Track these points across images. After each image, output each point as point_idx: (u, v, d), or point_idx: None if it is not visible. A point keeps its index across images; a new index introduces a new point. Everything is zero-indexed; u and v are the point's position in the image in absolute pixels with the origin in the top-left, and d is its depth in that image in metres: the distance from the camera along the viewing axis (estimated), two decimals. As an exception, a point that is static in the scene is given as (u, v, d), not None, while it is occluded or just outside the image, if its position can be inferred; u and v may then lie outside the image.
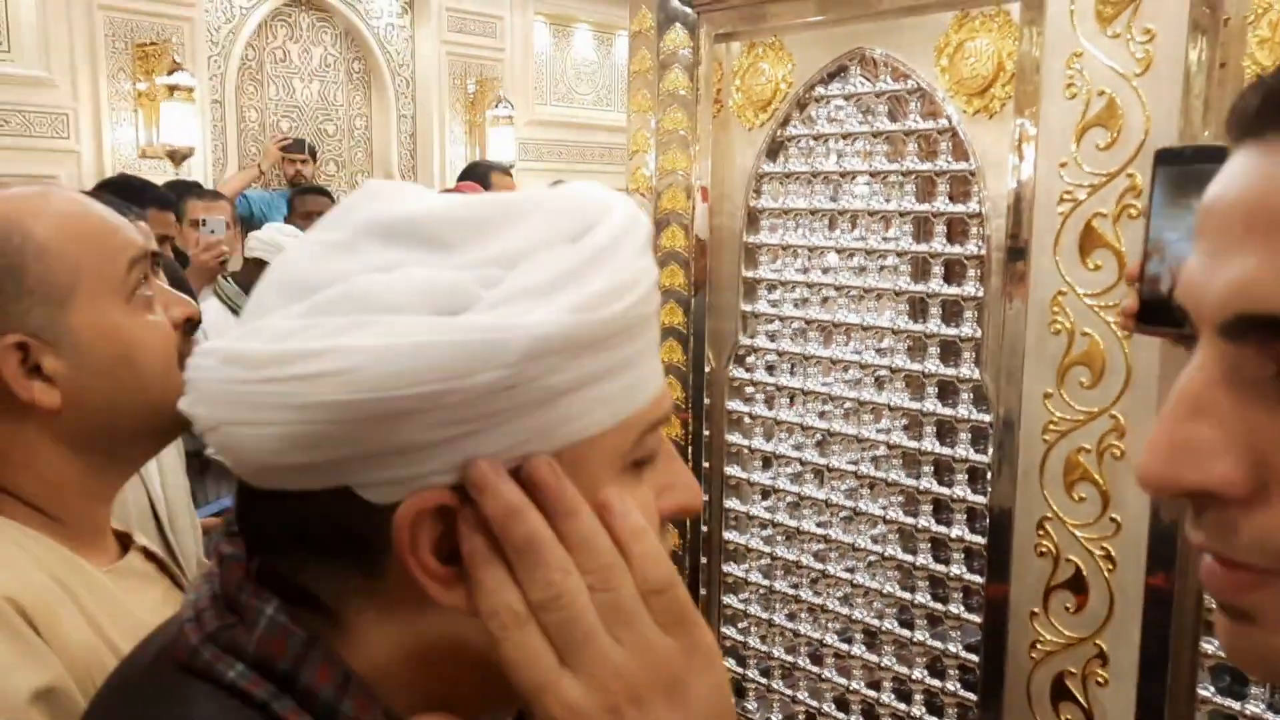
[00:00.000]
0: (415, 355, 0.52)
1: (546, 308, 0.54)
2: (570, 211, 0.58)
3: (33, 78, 5.77)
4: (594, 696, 0.54)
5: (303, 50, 7.48)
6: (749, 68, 1.78)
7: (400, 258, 0.56)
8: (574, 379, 0.55)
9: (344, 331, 0.53)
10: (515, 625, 0.54)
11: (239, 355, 0.55)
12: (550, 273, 0.55)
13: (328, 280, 0.55)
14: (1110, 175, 1.30)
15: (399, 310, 0.53)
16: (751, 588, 1.85)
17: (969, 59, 1.47)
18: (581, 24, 8.95)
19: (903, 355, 1.61)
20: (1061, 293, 1.35)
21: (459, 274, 0.55)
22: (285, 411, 0.53)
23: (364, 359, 0.52)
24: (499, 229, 0.56)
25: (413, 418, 0.53)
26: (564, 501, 0.55)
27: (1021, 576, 1.42)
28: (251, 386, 0.54)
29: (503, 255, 0.56)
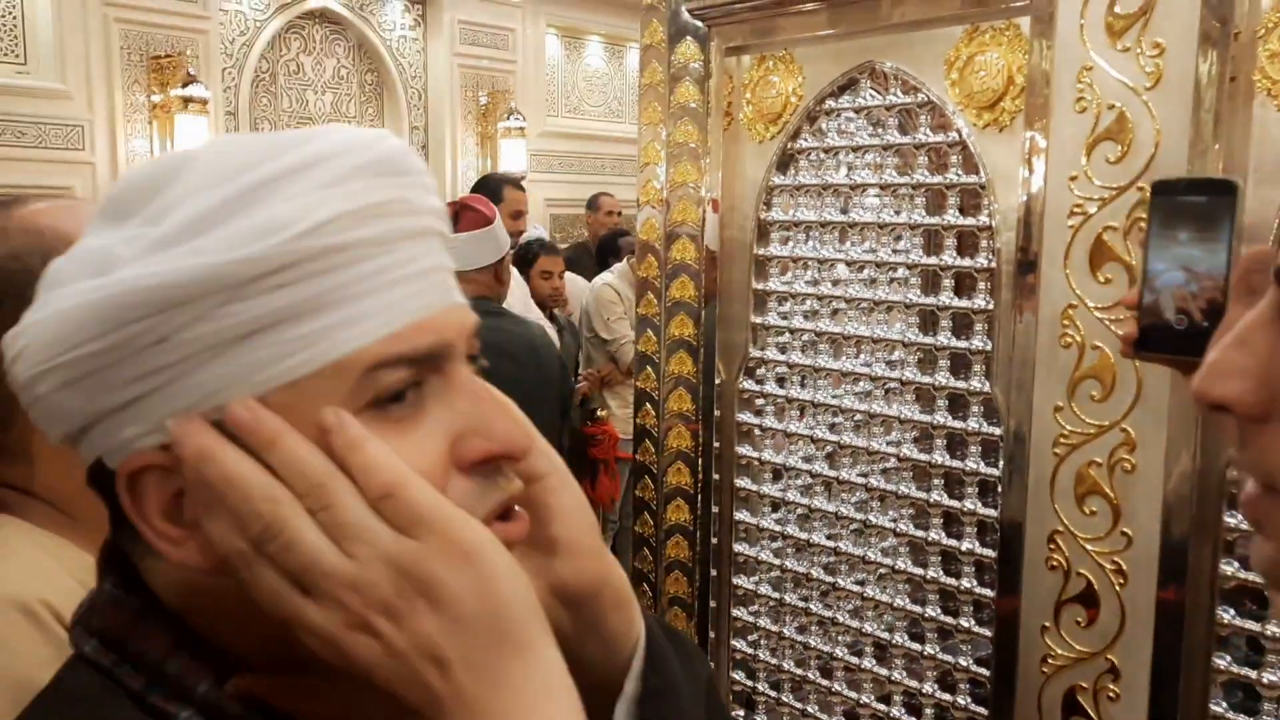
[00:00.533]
0: (61, 321, 0.54)
1: (173, 255, 0.53)
2: (226, 156, 0.56)
3: (49, 90, 5.82)
4: (335, 615, 0.53)
5: (316, 62, 7.52)
6: (759, 81, 1.79)
7: (89, 235, 0.58)
8: (243, 322, 0.54)
9: (32, 312, 0.57)
10: (245, 566, 0.54)
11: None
12: (182, 220, 0.54)
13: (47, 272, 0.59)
14: (1120, 189, 1.30)
15: (62, 284, 0.56)
16: (761, 600, 1.85)
17: (979, 72, 1.48)
18: (593, 36, 8.98)
19: (913, 368, 1.61)
20: (1072, 306, 1.35)
21: (113, 238, 0.56)
22: (23, 394, 0.58)
23: (35, 332, 0.56)
24: (160, 188, 0.56)
25: (94, 380, 0.55)
26: (260, 433, 0.54)
27: (1032, 590, 1.42)
28: (10, 372, 0.58)
29: (152, 213, 0.56)
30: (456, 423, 0.59)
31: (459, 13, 7.90)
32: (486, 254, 2.93)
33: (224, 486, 0.54)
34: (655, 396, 1.93)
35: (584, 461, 4.22)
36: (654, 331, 1.92)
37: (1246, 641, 1.29)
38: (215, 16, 6.55)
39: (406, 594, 0.53)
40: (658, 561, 1.94)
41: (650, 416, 1.94)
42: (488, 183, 4.88)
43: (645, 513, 1.96)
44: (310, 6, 7.27)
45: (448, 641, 0.53)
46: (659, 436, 1.93)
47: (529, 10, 8.34)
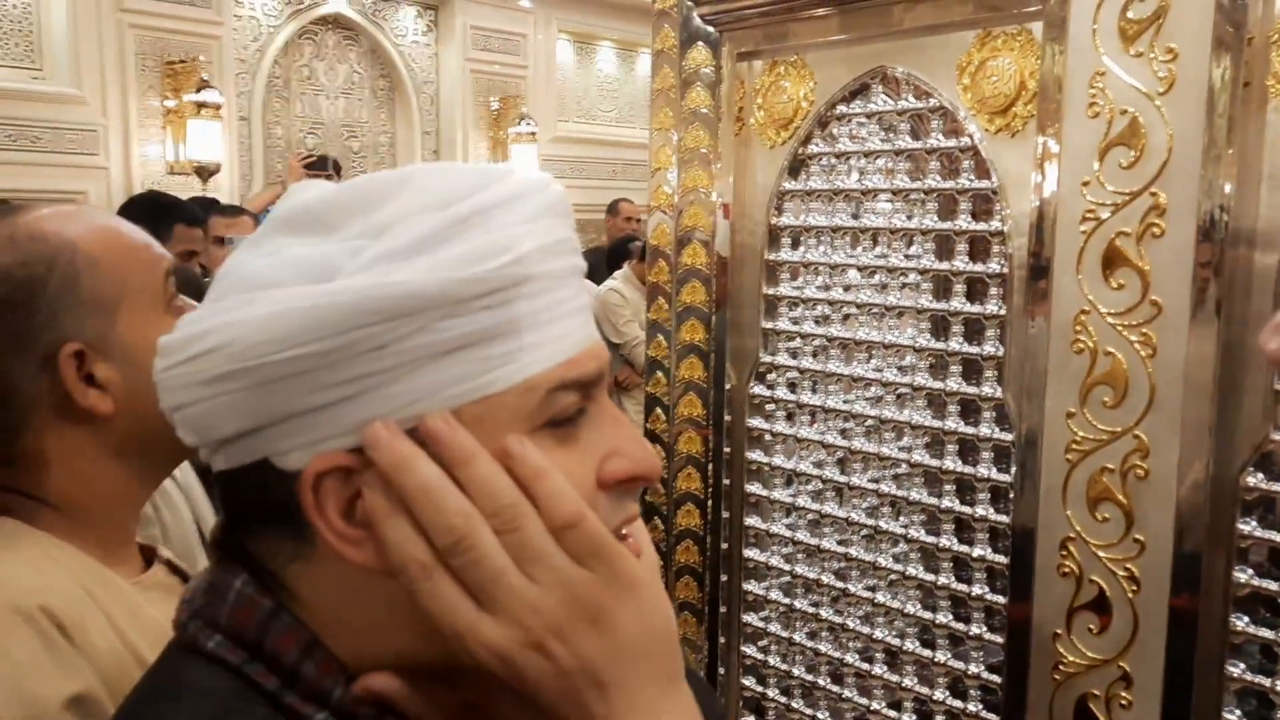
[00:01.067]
0: (283, 320, 0.56)
1: (405, 269, 0.57)
2: (442, 181, 0.60)
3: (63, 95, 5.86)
4: (513, 634, 0.56)
5: (329, 68, 7.56)
6: (771, 86, 1.79)
7: (287, 243, 0.60)
8: (454, 338, 0.57)
9: (229, 311, 0.58)
10: (424, 576, 0.56)
11: (161, 347, 0.62)
12: (411, 237, 0.58)
13: (227, 272, 0.61)
14: (1133, 194, 1.29)
15: (275, 286, 0.58)
16: (772, 606, 1.85)
17: (991, 78, 1.47)
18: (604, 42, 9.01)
19: (924, 373, 1.61)
20: (1084, 312, 1.34)
21: (330, 248, 0.59)
22: (196, 390, 0.59)
23: (241, 330, 0.57)
24: (376, 205, 0.59)
25: (298, 381, 0.57)
26: (456, 449, 0.57)
27: (1044, 597, 1.41)
28: (173, 372, 0.60)
29: (372, 227, 0.59)
30: (603, 444, 0.63)
31: (471, 18, 7.93)
32: None
33: (419, 495, 0.56)
34: (665, 402, 1.93)
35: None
36: (664, 337, 1.92)
37: (1260, 649, 1.28)
38: (229, 22, 6.60)
39: (577, 619, 0.56)
40: (668, 566, 1.94)
41: (661, 422, 1.94)
42: None
43: (655, 517, 1.96)
44: (323, 12, 7.31)
45: (610, 667, 0.56)
46: (669, 442, 1.92)
47: (541, 16, 8.37)
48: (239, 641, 0.61)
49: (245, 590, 0.62)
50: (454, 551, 0.56)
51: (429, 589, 0.56)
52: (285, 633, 0.61)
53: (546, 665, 0.56)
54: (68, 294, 0.99)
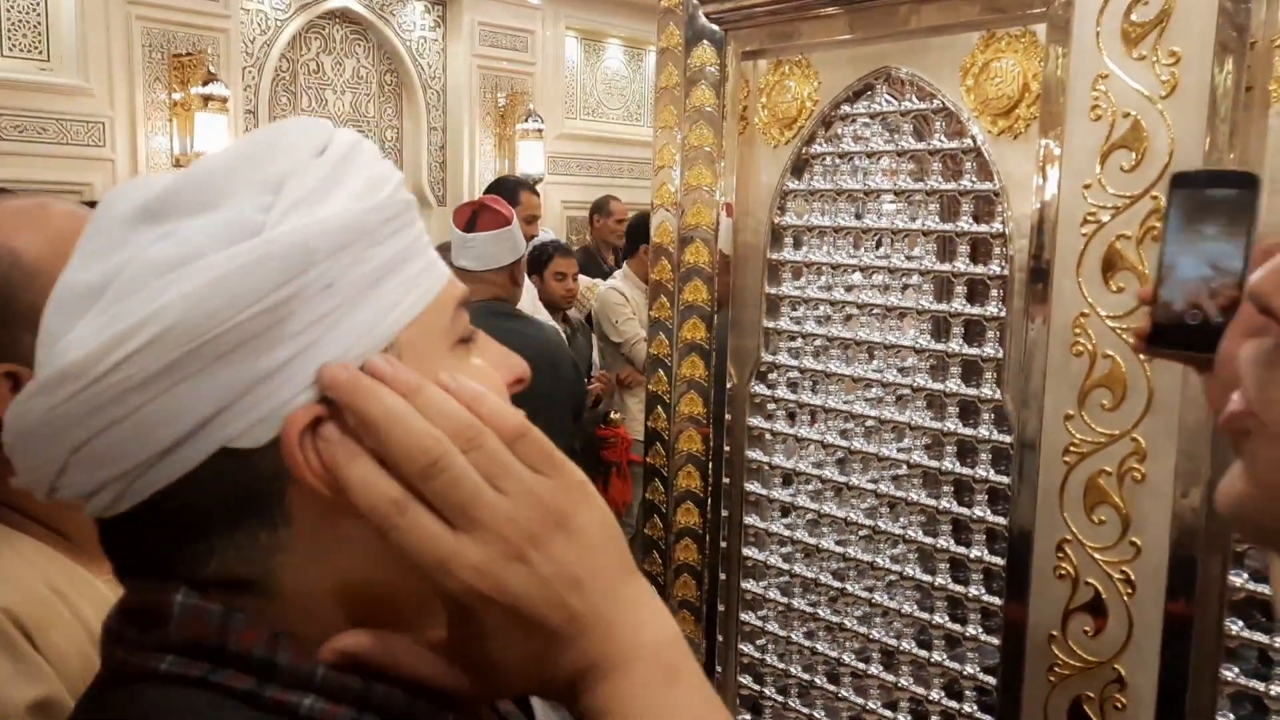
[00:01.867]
0: (232, 280, 0.54)
1: (325, 208, 0.57)
2: (305, 134, 0.61)
3: (70, 86, 5.87)
4: (495, 549, 0.56)
5: (336, 62, 7.56)
6: (775, 85, 1.79)
7: (173, 227, 0.57)
8: (379, 267, 0.59)
9: (149, 299, 0.54)
10: (398, 511, 0.56)
11: (61, 375, 0.55)
12: (314, 180, 0.58)
13: (109, 275, 0.56)
14: (1134, 197, 1.29)
15: (192, 260, 0.55)
16: (770, 605, 1.85)
17: (994, 79, 1.48)
18: (612, 39, 9.00)
19: (924, 374, 1.61)
20: (1084, 314, 1.34)
21: (232, 212, 0.57)
22: (130, 398, 0.54)
23: (185, 306, 0.54)
24: (248, 170, 0.58)
25: (257, 342, 0.55)
26: (404, 381, 0.57)
27: (1040, 599, 1.41)
28: (90, 392, 0.55)
29: (265, 183, 0.58)
30: (490, 356, 0.66)
31: (479, 14, 7.92)
32: (504, 254, 2.93)
33: (387, 422, 0.56)
34: (667, 400, 1.93)
35: (597, 464, 4.22)
36: (666, 335, 1.92)
37: (1256, 654, 1.28)
38: (236, 15, 6.60)
39: (549, 525, 0.57)
40: (667, 565, 1.94)
41: (661, 420, 1.94)
42: (504, 185, 4.88)
43: (655, 516, 1.96)
44: (331, 7, 7.31)
45: (583, 566, 0.58)
46: (670, 440, 1.93)
47: (549, 12, 8.37)
48: (197, 653, 0.58)
49: (189, 601, 0.59)
50: (430, 474, 0.55)
51: (405, 523, 0.55)
52: (245, 630, 0.58)
53: (528, 575, 0.56)
54: (2, 310, 0.94)
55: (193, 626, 0.58)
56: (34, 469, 0.59)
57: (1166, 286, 1.02)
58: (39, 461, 0.59)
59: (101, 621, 0.63)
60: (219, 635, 0.58)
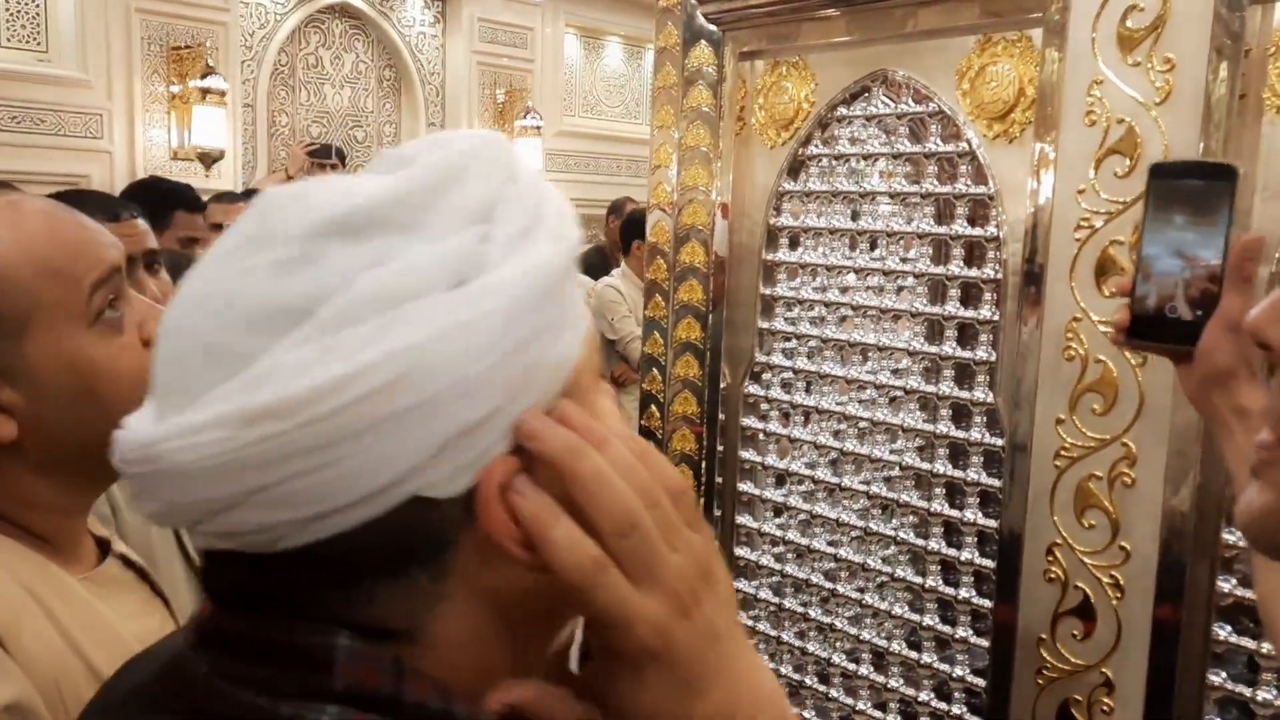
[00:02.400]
0: (464, 334, 0.51)
1: (539, 246, 0.56)
2: (495, 153, 0.59)
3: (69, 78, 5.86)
4: (670, 605, 0.56)
5: (335, 57, 7.56)
6: (772, 86, 1.79)
7: (379, 248, 0.53)
8: (565, 304, 0.57)
9: (376, 339, 0.50)
10: (600, 571, 0.54)
11: (266, 409, 0.50)
12: (520, 213, 0.56)
13: (314, 296, 0.52)
14: (1127, 204, 1.30)
15: (419, 296, 0.52)
16: (761, 605, 1.86)
17: (990, 83, 1.48)
18: (612, 37, 9.01)
19: (918, 377, 1.62)
20: (1076, 319, 1.35)
21: (452, 242, 0.54)
22: (344, 445, 0.50)
23: (414, 358, 0.50)
24: (448, 191, 0.56)
25: (477, 394, 0.53)
26: (595, 434, 0.55)
27: (1030, 602, 1.42)
28: (300, 434, 0.50)
29: (472, 212, 0.56)
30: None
31: (479, 10, 7.93)
32: None
33: (594, 481, 0.54)
34: (660, 399, 1.93)
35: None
36: (661, 334, 1.93)
37: (1243, 659, 1.29)
38: (235, 9, 6.60)
39: (703, 581, 0.58)
40: (659, 563, 1.94)
41: (655, 419, 1.95)
42: None
43: (647, 514, 1.96)
44: (330, 1, 7.31)
45: (721, 619, 0.58)
46: (663, 439, 1.93)
47: (549, 10, 8.37)
48: (366, 704, 0.54)
49: (355, 646, 0.54)
50: (628, 534, 0.54)
51: (605, 582, 0.54)
52: (419, 679, 0.56)
53: (690, 630, 0.56)
54: None
55: (361, 674, 0.54)
56: (182, 504, 0.54)
57: (1145, 279, 1.02)
58: (196, 498, 0.53)
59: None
60: (393, 684, 0.55)
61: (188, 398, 0.53)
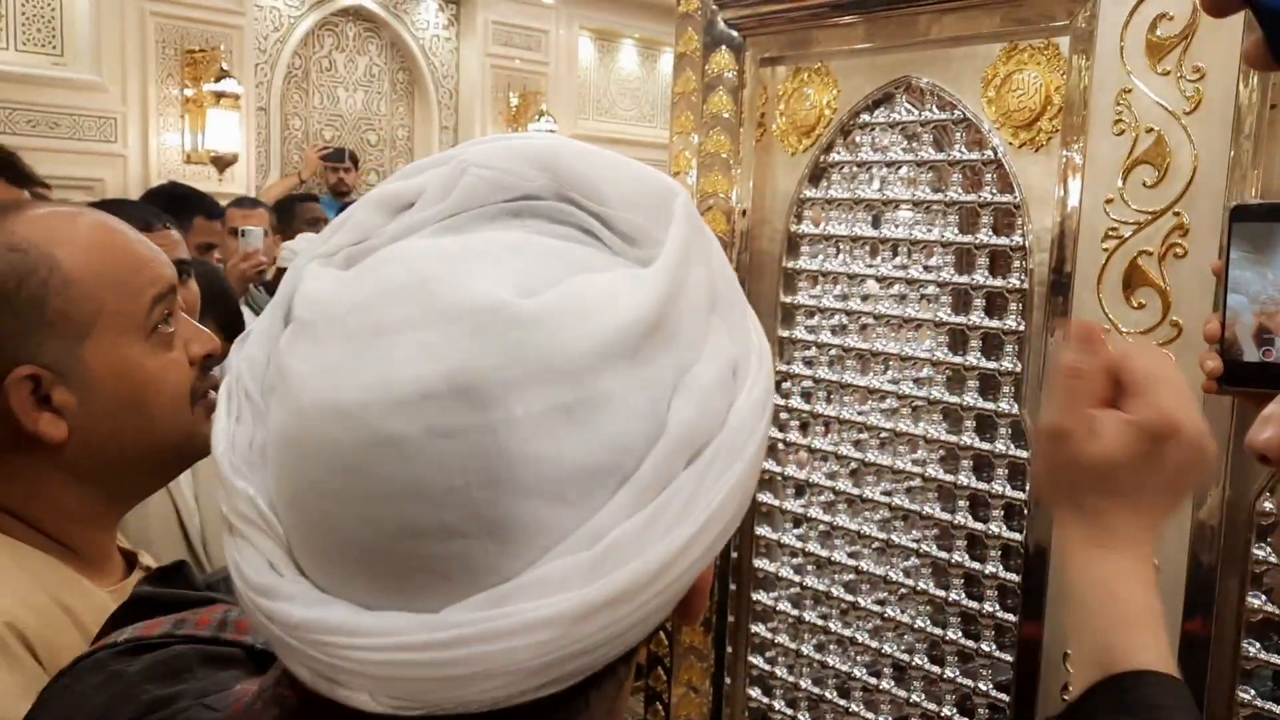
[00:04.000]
0: (757, 461, 0.50)
1: (752, 321, 0.57)
2: (692, 220, 0.54)
3: (84, 82, 5.89)
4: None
5: (348, 60, 7.57)
6: (794, 93, 1.78)
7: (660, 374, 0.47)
8: None
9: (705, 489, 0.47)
10: None
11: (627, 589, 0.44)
12: (728, 286, 0.56)
13: (622, 449, 0.45)
14: (1156, 213, 1.28)
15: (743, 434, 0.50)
16: (780, 617, 1.84)
17: (1016, 91, 1.46)
18: (626, 40, 9.00)
19: (941, 387, 1.60)
20: (1104, 330, 1.33)
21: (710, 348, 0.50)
22: (672, 602, 0.47)
23: (733, 501, 0.48)
24: (683, 288, 0.49)
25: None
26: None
27: (1055, 616, 1.40)
28: (642, 612, 0.46)
29: (702, 308, 0.51)
30: None
31: (493, 13, 7.93)
32: None
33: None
34: (679, 407, 1.92)
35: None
36: (679, 342, 1.91)
37: (1272, 675, 1.27)
38: (250, 12, 6.61)
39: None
40: (677, 573, 1.93)
41: (673, 427, 1.93)
42: None
43: (665, 523, 1.95)
44: (344, 4, 7.32)
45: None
46: (681, 447, 1.91)
47: (563, 12, 8.37)
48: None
49: None
50: None
51: None
52: None
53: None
54: (33, 314, 0.95)
55: None
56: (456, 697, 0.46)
57: (1233, 324, 1.01)
58: (477, 690, 0.45)
59: None
60: None
61: (451, 588, 0.44)
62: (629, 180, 0.52)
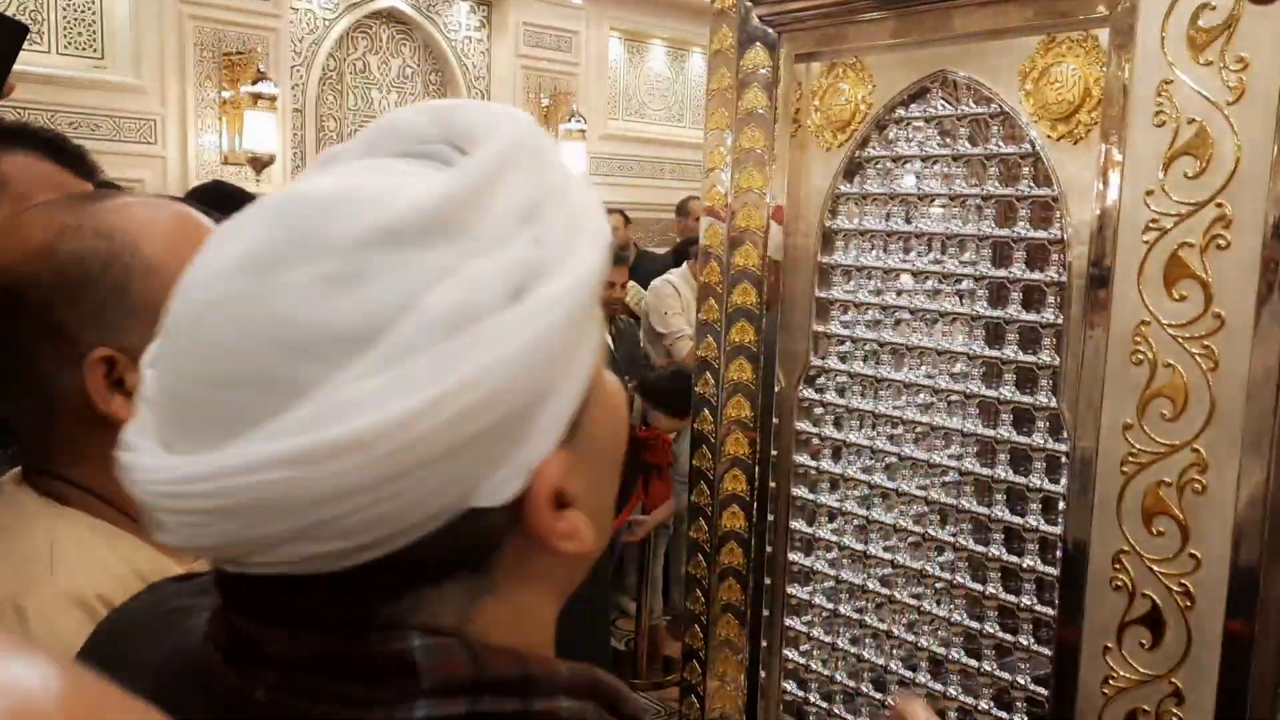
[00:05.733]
0: (533, 350, 0.51)
1: (585, 244, 0.55)
2: (532, 142, 0.57)
3: (124, 84, 5.96)
4: None
5: (382, 62, 7.62)
6: (829, 88, 1.78)
7: (437, 259, 0.51)
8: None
9: (449, 364, 0.49)
10: None
11: (343, 444, 0.48)
12: (564, 212, 0.56)
13: (376, 317, 0.49)
14: (1199, 205, 1.27)
15: (486, 314, 0.50)
16: (815, 610, 1.84)
17: (1055, 84, 1.46)
18: (656, 40, 9.01)
19: (977, 381, 1.59)
20: (1145, 323, 1.32)
21: (510, 251, 0.52)
22: (419, 472, 0.49)
23: (490, 380, 0.50)
24: (493, 192, 0.53)
25: (535, 406, 0.53)
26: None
27: (1095, 610, 1.39)
28: (373, 470, 0.48)
29: (521, 211, 0.54)
30: None
31: (524, 15, 7.96)
32: None
33: None
34: (714, 402, 1.93)
35: (638, 466, 4.22)
36: (714, 337, 1.92)
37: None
38: (286, 15, 6.67)
39: None
40: (711, 568, 1.93)
41: (708, 422, 1.94)
42: None
43: (700, 519, 1.96)
44: (378, 6, 7.37)
45: None
46: (716, 443, 1.92)
47: (593, 13, 8.39)
48: (454, 691, 0.54)
49: (428, 642, 0.55)
50: None
51: None
52: (493, 653, 0.56)
53: None
54: (115, 298, 0.98)
55: (444, 667, 0.54)
56: (227, 542, 0.52)
57: None
58: (244, 536, 0.51)
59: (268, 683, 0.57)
60: (474, 668, 0.55)
61: (224, 431, 0.50)
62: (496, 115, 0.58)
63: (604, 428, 0.60)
